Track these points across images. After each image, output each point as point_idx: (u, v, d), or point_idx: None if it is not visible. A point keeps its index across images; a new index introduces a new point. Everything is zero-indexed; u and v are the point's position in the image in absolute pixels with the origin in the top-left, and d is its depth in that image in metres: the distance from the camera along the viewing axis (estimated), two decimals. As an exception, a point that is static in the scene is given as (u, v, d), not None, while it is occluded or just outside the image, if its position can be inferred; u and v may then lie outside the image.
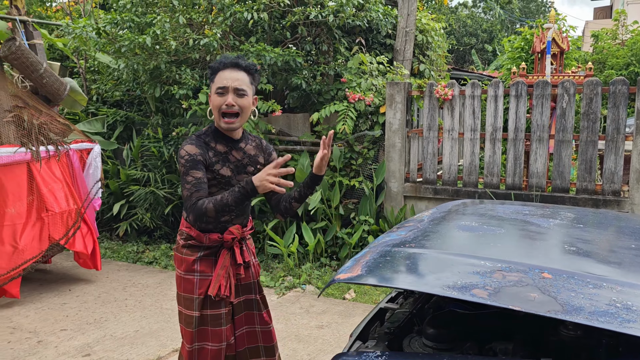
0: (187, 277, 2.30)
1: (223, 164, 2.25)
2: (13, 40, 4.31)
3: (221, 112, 2.20)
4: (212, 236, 2.28)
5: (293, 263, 5.25)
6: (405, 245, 1.80)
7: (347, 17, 5.52)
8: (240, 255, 2.35)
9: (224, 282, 2.27)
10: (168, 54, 5.68)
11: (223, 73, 2.20)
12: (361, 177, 5.65)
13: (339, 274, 1.64)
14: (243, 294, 2.43)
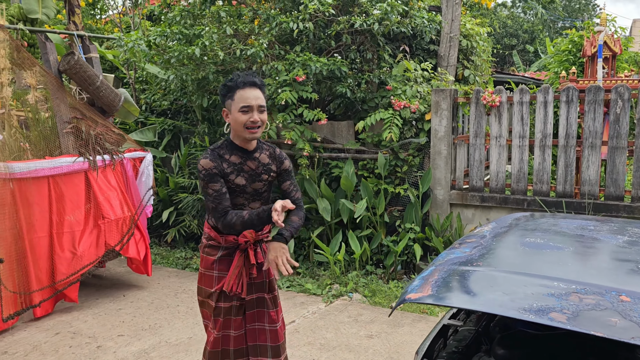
0: (208, 274, 2.60)
1: (238, 174, 2.47)
2: (72, 55, 4.49)
3: (246, 126, 2.42)
4: (229, 238, 2.54)
5: (339, 271, 5.27)
6: (472, 263, 1.80)
7: (392, 25, 5.52)
8: (253, 257, 2.56)
9: (236, 280, 2.53)
10: (215, 64, 5.80)
11: (244, 92, 2.41)
12: (406, 184, 5.63)
13: (408, 293, 1.65)
14: (255, 292, 2.64)
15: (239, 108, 2.40)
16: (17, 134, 4.68)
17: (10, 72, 4.53)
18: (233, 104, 2.42)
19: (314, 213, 5.86)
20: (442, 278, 1.69)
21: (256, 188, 2.54)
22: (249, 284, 2.60)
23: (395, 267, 5.48)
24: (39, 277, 4.36)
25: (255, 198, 2.57)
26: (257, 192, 2.57)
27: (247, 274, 2.57)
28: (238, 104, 2.40)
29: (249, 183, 2.50)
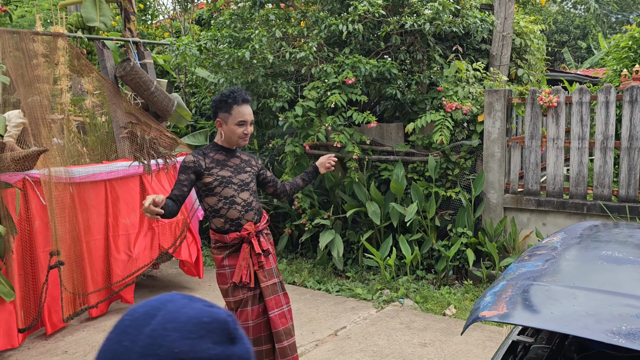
0: (221, 272, 2.85)
1: (222, 168, 2.83)
2: (128, 61, 4.59)
3: (239, 137, 2.83)
4: (232, 235, 2.81)
5: (390, 276, 5.20)
6: (547, 279, 1.71)
7: (444, 24, 5.40)
8: (258, 246, 2.84)
9: (245, 271, 2.78)
10: (264, 67, 5.83)
11: (240, 108, 2.78)
12: (458, 187, 5.50)
13: (481, 310, 1.58)
14: (269, 279, 2.89)
15: (236, 122, 2.78)
16: (76, 139, 4.82)
17: (68, 78, 4.68)
18: (230, 118, 2.78)
19: (362, 216, 5.80)
20: (516, 294, 1.61)
21: (242, 179, 2.88)
22: (260, 272, 2.86)
23: (447, 272, 5.36)
24: (95, 278, 4.48)
25: (243, 189, 2.87)
26: (245, 183, 2.88)
27: (255, 264, 2.83)
28: (236, 118, 2.78)
29: (235, 175, 2.86)
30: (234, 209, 2.80)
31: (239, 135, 2.80)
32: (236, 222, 2.81)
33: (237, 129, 2.78)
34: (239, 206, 2.82)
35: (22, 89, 4.14)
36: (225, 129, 2.79)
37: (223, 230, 2.82)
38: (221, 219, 2.81)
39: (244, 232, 2.80)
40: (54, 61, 4.54)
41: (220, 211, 2.80)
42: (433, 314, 4.57)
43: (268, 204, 6.33)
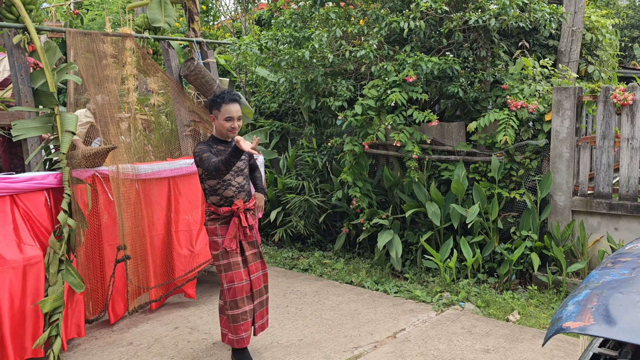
0: (214, 240, 3.51)
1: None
2: (192, 60, 4.69)
3: (228, 130, 3.45)
4: (224, 209, 3.47)
5: (450, 278, 5.07)
6: (636, 289, 1.58)
7: (510, 20, 5.20)
8: (245, 221, 3.50)
9: (234, 240, 3.46)
10: (324, 66, 5.81)
11: (227, 106, 3.42)
12: (522, 189, 5.29)
13: (565, 320, 1.48)
14: (251, 249, 3.60)
15: (224, 117, 3.42)
16: (141, 137, 4.97)
17: (134, 78, 4.83)
18: (220, 114, 3.43)
19: (422, 217, 5.68)
20: (603, 305, 1.50)
21: (238, 166, 3.54)
22: (244, 243, 3.54)
23: (510, 276, 5.17)
24: (158, 273, 4.60)
25: (238, 174, 3.54)
26: (240, 169, 3.55)
27: (242, 235, 3.51)
28: (224, 115, 3.42)
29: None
30: (229, 189, 3.48)
31: (227, 128, 3.44)
32: (229, 199, 3.48)
33: (225, 124, 3.43)
34: (234, 187, 3.50)
35: (92, 88, 4.30)
36: (217, 123, 3.47)
37: (218, 205, 3.49)
38: (217, 196, 3.49)
39: (234, 207, 3.47)
40: (122, 61, 4.70)
41: (217, 190, 3.48)
42: (495, 319, 4.41)
43: (326, 202, 6.32)
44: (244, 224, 3.48)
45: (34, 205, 3.75)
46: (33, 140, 3.96)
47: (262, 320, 3.70)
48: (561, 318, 1.50)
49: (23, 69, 3.93)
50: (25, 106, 3.92)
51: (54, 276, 3.68)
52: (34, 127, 3.91)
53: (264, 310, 3.71)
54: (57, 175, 3.85)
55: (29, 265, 3.59)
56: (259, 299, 3.64)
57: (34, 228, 3.74)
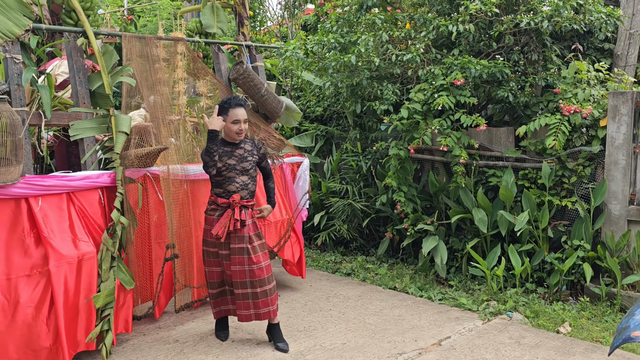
0: (207, 228, 3.90)
1: (229, 157, 3.80)
2: (241, 64, 4.76)
3: (236, 132, 3.78)
4: (222, 200, 3.81)
5: (497, 287, 4.94)
6: None
7: (563, 22, 5.06)
8: (238, 214, 3.76)
9: (222, 228, 3.74)
10: (369, 70, 5.80)
11: (234, 110, 3.76)
12: (575, 197, 5.11)
13: (632, 329, 1.41)
14: (238, 243, 3.80)
15: (231, 121, 3.76)
16: (190, 139, 5.07)
17: (184, 82, 4.94)
18: (227, 118, 3.76)
19: (468, 223, 5.58)
20: (673, 314, 1.43)
21: (244, 166, 3.83)
22: (233, 237, 3.80)
23: (560, 287, 5.00)
24: (202, 272, 4.66)
25: (243, 173, 3.84)
26: (245, 169, 3.84)
27: (232, 226, 3.74)
28: (231, 118, 3.75)
29: (238, 163, 3.82)
30: (233, 185, 3.81)
31: (235, 130, 3.77)
32: (230, 193, 3.80)
33: (233, 126, 3.76)
34: (237, 184, 3.82)
35: (145, 90, 4.43)
36: (226, 127, 3.78)
37: (218, 195, 3.84)
38: (220, 189, 3.83)
39: (230, 199, 3.79)
40: (174, 65, 4.82)
41: (222, 184, 3.81)
42: (545, 331, 4.27)
43: (369, 207, 6.28)
44: (236, 216, 3.75)
45: (88, 203, 3.88)
46: (89, 140, 4.11)
47: (264, 309, 3.86)
48: (629, 327, 1.43)
49: (81, 72, 4.08)
50: (83, 107, 4.06)
51: (106, 272, 3.80)
52: (90, 127, 4.05)
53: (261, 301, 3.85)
54: (110, 174, 3.97)
55: (83, 260, 3.70)
56: (242, 290, 3.85)
57: (88, 225, 3.87)
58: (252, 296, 3.84)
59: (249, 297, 3.85)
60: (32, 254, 3.55)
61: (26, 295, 3.50)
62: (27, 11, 3.83)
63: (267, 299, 3.86)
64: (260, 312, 3.87)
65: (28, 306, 3.49)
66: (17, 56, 3.72)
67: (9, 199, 3.49)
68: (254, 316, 3.88)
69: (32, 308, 3.49)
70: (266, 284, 3.84)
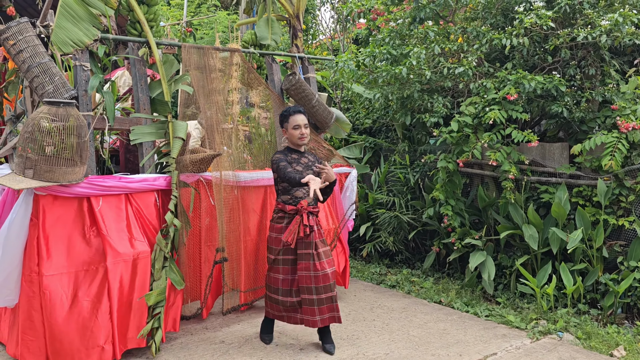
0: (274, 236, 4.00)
1: (297, 164, 3.96)
2: (294, 75, 4.88)
3: (298, 137, 3.97)
4: (290, 207, 3.92)
5: (547, 306, 4.81)
6: None
7: (624, 37, 4.92)
8: (306, 220, 3.83)
9: (292, 235, 3.82)
10: (420, 83, 5.80)
11: (294, 117, 3.98)
12: (633, 216, 4.92)
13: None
14: (305, 249, 3.89)
15: (292, 126, 3.98)
16: (242, 147, 5.22)
17: (238, 92, 5.10)
18: (288, 125, 3.99)
19: (517, 240, 5.46)
20: None
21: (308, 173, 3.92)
22: (300, 242, 3.89)
23: (615, 309, 4.81)
24: (249, 277, 4.76)
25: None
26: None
27: (302, 232, 3.81)
28: (292, 124, 3.97)
29: (305, 170, 3.96)
30: (300, 191, 3.93)
31: (297, 136, 3.96)
32: (297, 199, 3.92)
33: (294, 132, 3.97)
34: (304, 189, 3.93)
35: (202, 99, 4.60)
36: (288, 134, 4.00)
37: (286, 202, 3.94)
38: (288, 195, 3.95)
39: (298, 206, 3.88)
40: (228, 75, 4.99)
41: (290, 191, 3.93)
42: (598, 353, 4.12)
43: (416, 220, 6.25)
44: (305, 222, 3.82)
45: (145, 205, 4.06)
46: (148, 144, 4.30)
47: (329, 314, 3.93)
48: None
49: (143, 79, 4.29)
50: (143, 113, 4.27)
51: (159, 272, 3.95)
52: (149, 132, 4.24)
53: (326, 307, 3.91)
54: (166, 178, 4.14)
55: (138, 259, 3.87)
56: (307, 295, 3.88)
57: (144, 225, 4.04)
58: (318, 302, 3.88)
59: (314, 304, 3.88)
60: (92, 251, 3.75)
61: (84, 290, 3.68)
62: (96, 22, 4.07)
63: (332, 304, 3.91)
64: (325, 317, 3.92)
65: (85, 300, 3.67)
66: (85, 64, 3.96)
67: (73, 197, 3.70)
68: (320, 322, 3.91)
69: (88, 302, 3.68)
70: (331, 290, 3.90)
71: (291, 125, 3.95)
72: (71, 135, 3.54)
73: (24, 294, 3.58)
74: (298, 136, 3.94)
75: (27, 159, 3.48)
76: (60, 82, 3.72)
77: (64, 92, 3.71)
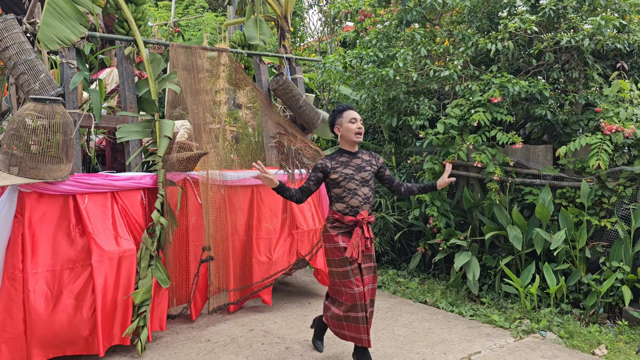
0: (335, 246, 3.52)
1: (345, 167, 3.55)
2: (281, 75, 4.91)
3: (355, 133, 3.56)
4: (349, 218, 3.50)
5: (530, 306, 4.86)
6: None
7: (606, 40, 5.01)
8: (367, 232, 3.52)
9: (356, 249, 3.46)
10: (407, 85, 5.86)
11: (348, 112, 3.61)
12: (615, 217, 5.00)
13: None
14: (368, 262, 3.58)
15: (348, 120, 3.57)
16: (229, 147, 5.23)
17: (226, 92, 5.12)
18: (343, 120, 3.59)
19: (502, 241, 5.52)
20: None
21: (363, 176, 3.56)
22: (363, 256, 3.54)
23: (597, 309, 4.88)
24: (237, 276, 4.77)
25: (363, 184, 3.55)
26: (365, 180, 3.56)
27: (363, 245, 3.50)
28: (347, 118, 3.58)
29: (356, 173, 3.55)
30: (355, 198, 3.51)
31: (354, 130, 3.55)
32: (355, 209, 3.51)
33: (351, 126, 3.56)
34: (360, 197, 3.52)
35: (189, 98, 4.61)
36: (343, 130, 3.58)
37: (343, 212, 3.52)
38: (343, 204, 3.52)
39: (359, 217, 3.50)
40: (216, 75, 5.00)
41: (344, 198, 3.52)
42: (580, 352, 4.18)
43: (402, 221, 6.29)
44: (367, 235, 3.50)
45: (131, 203, 4.05)
46: (134, 142, 4.30)
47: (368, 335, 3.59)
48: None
49: (130, 78, 4.29)
50: (130, 111, 4.26)
51: (145, 270, 3.94)
52: (136, 131, 4.24)
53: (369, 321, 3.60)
54: (153, 176, 4.14)
55: (123, 257, 3.86)
56: (370, 309, 3.57)
57: (130, 224, 4.03)
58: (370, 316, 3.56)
59: (365, 321, 3.51)
60: (77, 248, 3.73)
61: (69, 287, 3.67)
62: (83, 20, 4.07)
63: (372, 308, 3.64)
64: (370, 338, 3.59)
65: (69, 297, 3.65)
66: (72, 61, 3.95)
67: (58, 195, 3.69)
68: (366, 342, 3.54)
69: (72, 299, 3.66)
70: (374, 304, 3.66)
71: (347, 119, 3.56)
72: (57, 133, 3.53)
73: (4, 291, 3.55)
74: (355, 130, 3.54)
75: (12, 156, 3.46)
76: (46, 80, 3.71)
77: (50, 89, 3.70)
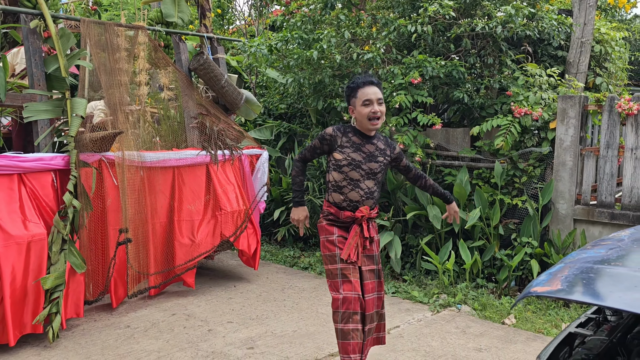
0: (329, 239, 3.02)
1: (355, 151, 2.95)
2: (201, 54, 4.80)
3: (369, 118, 2.90)
4: (346, 213, 2.98)
5: (448, 281, 5.08)
6: (609, 263, 1.62)
7: (517, 28, 5.26)
8: (367, 231, 3.00)
9: (353, 250, 2.94)
10: (332, 68, 5.90)
11: (364, 90, 2.92)
12: (525, 196, 5.30)
13: (534, 286, 1.52)
14: (368, 264, 3.05)
15: (361, 102, 2.90)
16: (150, 129, 5.08)
17: (146, 73, 4.95)
18: (357, 101, 2.93)
19: (423, 220, 5.71)
20: (573, 274, 1.54)
21: (372, 167, 2.98)
22: (362, 257, 3.03)
23: (509, 282, 5.16)
24: (159, 260, 4.67)
25: (369, 177, 2.99)
26: (372, 172, 2.99)
27: (361, 245, 3.00)
28: (361, 99, 2.91)
29: (365, 161, 2.96)
30: (357, 192, 2.97)
31: (368, 115, 2.89)
32: (354, 203, 2.98)
33: (363, 109, 2.90)
34: (362, 191, 2.98)
35: (103, 77, 4.42)
36: (356, 113, 2.96)
37: (340, 206, 3.00)
38: (341, 196, 2.98)
39: (358, 214, 2.98)
40: (134, 55, 4.82)
41: (343, 189, 2.97)
42: (491, 322, 4.41)
43: (329, 203, 6.37)
44: (365, 234, 3.00)
45: (40, 185, 3.85)
46: (43, 122, 4.08)
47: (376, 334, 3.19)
48: (531, 285, 1.54)
49: (37, 54, 4.05)
50: (38, 89, 4.04)
51: (57, 255, 3.77)
52: (45, 110, 4.02)
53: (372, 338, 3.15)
54: (64, 157, 3.95)
55: (32, 242, 3.67)
56: (369, 325, 3.03)
57: (40, 207, 3.84)
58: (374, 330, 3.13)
59: (372, 332, 3.09)
60: (-21, 234, 3.51)
61: (-29, 275, 3.45)
62: (-17, -10, 3.79)
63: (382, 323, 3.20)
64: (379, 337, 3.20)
65: (-27, 286, 3.44)
66: (-30, 34, 3.68)
67: (-43, 177, 3.45)
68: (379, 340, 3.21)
69: (-24, 288, 3.45)
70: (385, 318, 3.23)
71: (360, 101, 2.91)
72: (-47, 110, 3.29)
73: None
74: (368, 115, 2.89)
75: None
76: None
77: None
